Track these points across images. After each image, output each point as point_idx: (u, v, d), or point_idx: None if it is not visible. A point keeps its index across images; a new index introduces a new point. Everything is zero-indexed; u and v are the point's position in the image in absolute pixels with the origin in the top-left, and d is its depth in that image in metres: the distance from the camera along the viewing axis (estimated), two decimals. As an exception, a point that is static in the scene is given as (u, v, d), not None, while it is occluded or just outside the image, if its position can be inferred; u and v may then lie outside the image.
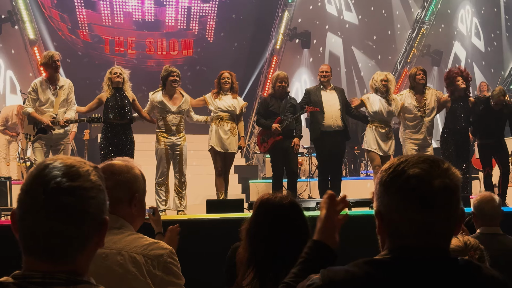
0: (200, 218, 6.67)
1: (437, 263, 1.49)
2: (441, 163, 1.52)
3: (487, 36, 19.59)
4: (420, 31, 18.04)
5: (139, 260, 2.23)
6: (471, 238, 3.15)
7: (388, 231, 1.55)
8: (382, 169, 1.57)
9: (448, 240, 1.55)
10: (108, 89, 7.73)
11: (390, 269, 1.48)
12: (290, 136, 8.29)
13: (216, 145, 8.00)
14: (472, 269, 1.53)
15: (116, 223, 2.31)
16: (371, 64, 17.67)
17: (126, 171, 2.34)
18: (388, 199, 1.53)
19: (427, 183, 1.48)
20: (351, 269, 1.50)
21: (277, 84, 8.28)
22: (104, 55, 14.89)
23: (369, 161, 10.06)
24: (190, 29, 15.51)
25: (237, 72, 15.13)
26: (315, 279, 1.53)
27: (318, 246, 1.81)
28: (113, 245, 2.25)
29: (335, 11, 17.23)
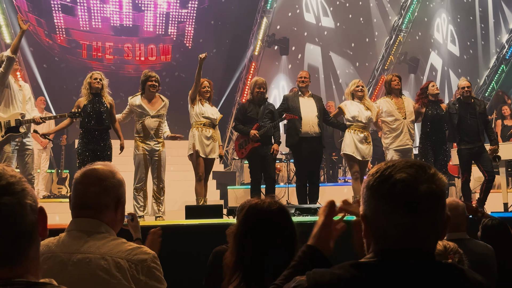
0: (179, 224, 6.64)
1: (422, 266, 1.50)
2: (428, 169, 1.53)
3: (463, 44, 19.87)
4: (397, 38, 18.22)
5: (123, 265, 2.23)
6: (450, 243, 3.20)
7: (374, 234, 1.55)
8: (369, 173, 1.58)
9: (434, 245, 1.56)
10: (87, 94, 7.62)
11: (376, 272, 1.49)
12: (268, 142, 8.30)
13: (200, 150, 8.00)
14: (456, 273, 1.54)
15: (99, 228, 2.30)
16: (349, 71, 17.80)
17: (112, 176, 2.34)
18: (374, 203, 1.53)
19: (413, 188, 1.49)
20: (337, 271, 1.51)
21: (255, 90, 8.30)
22: (82, 60, 14.78)
23: (347, 167, 10.12)
24: (168, 34, 15.47)
25: (216, 78, 15.18)
26: (301, 281, 1.53)
27: (311, 251, 1.81)
28: (96, 250, 2.24)
29: (313, 19, 17.32)
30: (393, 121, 8.56)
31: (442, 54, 19.60)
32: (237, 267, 2.38)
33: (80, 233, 2.29)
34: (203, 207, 7.69)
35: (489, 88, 19.51)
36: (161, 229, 3.19)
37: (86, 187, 2.29)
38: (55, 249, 2.26)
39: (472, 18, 19.75)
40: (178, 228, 6.36)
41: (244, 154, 8.32)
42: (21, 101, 7.37)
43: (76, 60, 14.74)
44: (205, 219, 6.70)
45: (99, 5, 14.71)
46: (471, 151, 8.41)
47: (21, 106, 7.35)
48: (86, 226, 2.30)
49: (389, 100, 8.63)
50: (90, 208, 2.30)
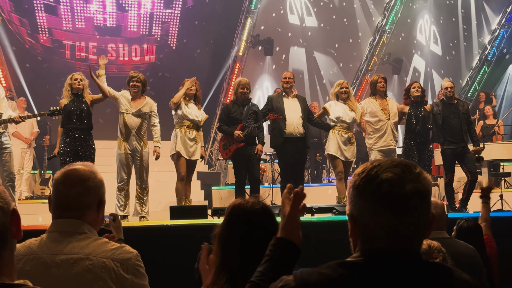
0: (163, 224, 6.62)
1: (409, 265, 1.51)
2: (413, 168, 1.54)
3: (446, 45, 20.00)
4: (381, 39, 18.31)
5: (108, 265, 2.22)
6: (434, 242, 3.23)
7: (360, 234, 1.56)
8: (355, 173, 1.58)
9: (419, 243, 1.57)
10: (68, 94, 7.59)
11: (363, 271, 1.49)
12: (252, 142, 8.31)
13: (182, 151, 8.00)
14: (444, 272, 1.55)
15: (81, 228, 2.28)
16: (333, 72, 17.85)
17: (93, 176, 2.33)
18: (361, 203, 1.54)
19: (399, 188, 1.50)
20: (324, 271, 1.51)
21: (239, 90, 8.31)
22: (65, 60, 14.68)
23: (331, 167, 10.16)
24: (152, 35, 15.42)
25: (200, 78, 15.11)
26: (288, 281, 1.53)
27: (282, 244, 1.82)
28: (80, 251, 2.23)
29: (297, 20, 17.35)
30: (376, 122, 8.60)
31: (425, 55, 19.72)
32: (222, 268, 2.38)
33: (62, 233, 2.27)
34: (187, 208, 7.68)
35: (471, 89, 19.66)
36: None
37: (68, 187, 2.27)
38: (37, 250, 2.24)
39: (455, 19, 19.90)
40: (163, 228, 6.34)
41: (229, 154, 8.32)
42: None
43: (59, 60, 14.64)
44: (189, 219, 6.69)
45: (83, 5, 14.62)
46: (454, 152, 8.44)
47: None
48: (68, 227, 2.28)
49: (374, 101, 8.68)
50: (72, 209, 2.28)
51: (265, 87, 16.61)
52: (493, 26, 20.06)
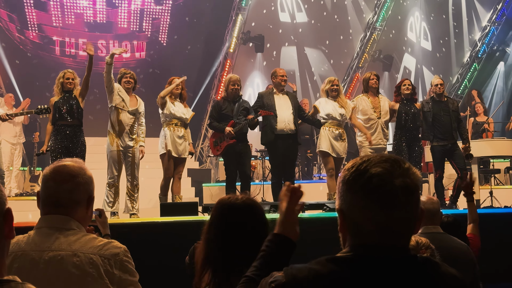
0: (154, 221, 6.61)
1: (398, 260, 1.51)
2: (402, 163, 1.55)
3: (436, 42, 20.06)
4: (372, 36, 18.33)
5: (96, 261, 2.21)
6: (422, 238, 3.25)
7: (349, 228, 1.57)
8: (345, 168, 1.59)
9: (408, 238, 1.57)
10: (58, 91, 7.60)
11: (352, 267, 1.50)
12: (243, 139, 8.32)
13: (172, 150, 8.04)
14: (431, 267, 1.55)
15: (68, 225, 2.27)
16: (324, 68, 17.86)
17: (83, 172, 2.32)
18: (350, 198, 1.54)
19: (388, 183, 1.50)
20: (314, 266, 1.51)
21: (230, 87, 8.32)
22: (54, 56, 14.61)
23: (322, 164, 10.16)
24: (143, 31, 15.37)
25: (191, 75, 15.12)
26: (278, 276, 1.54)
27: (279, 239, 1.82)
28: (68, 247, 2.22)
29: (288, 18, 17.34)
30: (367, 120, 8.62)
31: (416, 52, 19.76)
32: (206, 263, 2.38)
33: (50, 230, 2.26)
34: (178, 205, 7.66)
35: (461, 86, 19.74)
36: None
37: (58, 183, 2.26)
38: (25, 247, 2.22)
39: (445, 16, 19.96)
40: (153, 225, 6.33)
41: (220, 151, 8.32)
42: None
43: (49, 57, 14.57)
44: (180, 216, 6.67)
45: (72, 1, 14.55)
46: (444, 148, 8.48)
47: None
48: (56, 223, 2.27)
49: (366, 98, 8.70)
50: (61, 206, 2.27)
51: (255, 84, 16.60)
52: (484, 23, 20.13)
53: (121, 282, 2.24)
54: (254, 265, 1.81)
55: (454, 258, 3.81)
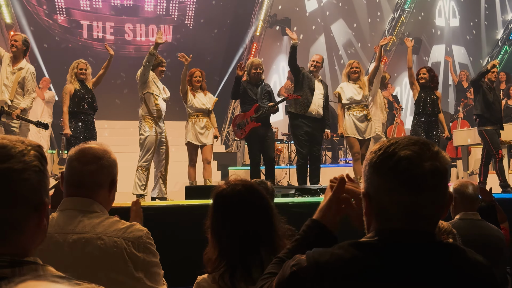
0: (179, 204, 6.65)
1: (424, 246, 1.49)
2: (432, 146, 1.51)
3: (466, 24, 19.68)
4: (400, 19, 18.08)
5: (120, 244, 2.23)
6: (444, 222, 3.20)
7: (375, 213, 1.54)
8: (372, 151, 1.55)
9: (435, 224, 1.55)
10: (74, 81, 7.92)
11: (377, 252, 1.47)
12: (267, 124, 8.36)
13: (193, 140, 8.22)
14: (458, 253, 1.52)
15: (92, 207, 2.28)
16: (351, 52, 17.70)
17: (108, 155, 2.32)
18: (377, 181, 1.51)
19: (417, 166, 1.47)
20: (336, 251, 1.49)
21: (252, 70, 8.39)
22: (82, 40, 14.71)
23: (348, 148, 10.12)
24: (169, 15, 15.37)
25: (217, 58, 15.14)
26: (300, 259, 1.52)
27: (315, 226, 1.75)
28: (92, 230, 2.23)
29: (315, 0, 17.17)
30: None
31: (446, 36, 19.42)
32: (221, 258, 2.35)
33: (74, 212, 2.27)
34: (202, 188, 7.71)
35: (492, 69, 19.38)
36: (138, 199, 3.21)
37: (83, 164, 2.27)
38: (49, 229, 2.24)
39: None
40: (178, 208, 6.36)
41: (244, 134, 8.35)
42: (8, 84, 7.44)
43: (77, 40, 14.67)
44: (205, 199, 6.69)
45: (100, -15, 14.61)
46: (496, 131, 8.81)
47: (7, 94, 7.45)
48: (80, 205, 2.28)
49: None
50: (85, 187, 2.28)
51: (281, 67, 16.51)
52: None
53: (146, 264, 2.26)
54: (288, 248, 1.78)
55: (490, 246, 3.76)
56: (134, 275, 2.22)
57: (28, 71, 7.65)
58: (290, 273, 1.51)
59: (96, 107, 8.01)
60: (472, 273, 1.50)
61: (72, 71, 7.95)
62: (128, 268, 2.22)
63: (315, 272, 1.47)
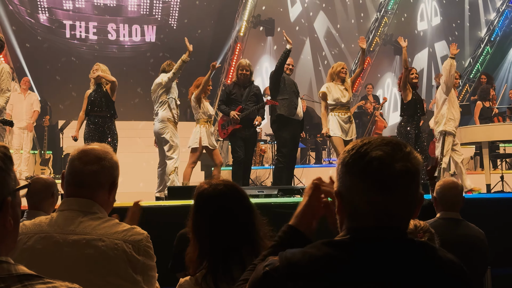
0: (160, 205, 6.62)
1: (395, 244, 1.50)
2: (404, 147, 1.52)
3: (449, 25, 19.80)
4: (383, 20, 18.16)
5: (120, 246, 2.21)
6: (421, 221, 3.19)
7: (347, 211, 1.54)
8: (345, 150, 1.56)
9: (406, 223, 1.56)
10: (92, 85, 8.15)
11: (349, 250, 1.48)
12: (250, 125, 8.33)
13: (209, 144, 8.47)
14: (428, 251, 1.53)
15: (92, 208, 2.28)
16: (335, 52, 17.74)
17: (110, 157, 2.32)
18: (349, 180, 1.52)
19: (388, 166, 1.47)
20: (309, 250, 1.50)
21: (239, 71, 8.37)
22: (65, 40, 14.62)
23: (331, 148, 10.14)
24: (153, 15, 15.32)
25: (201, 59, 15.08)
26: (273, 260, 1.52)
27: (292, 232, 1.76)
28: (92, 231, 2.22)
29: (298, 1, 17.19)
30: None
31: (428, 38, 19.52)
32: (201, 258, 2.35)
33: (74, 213, 2.26)
34: (185, 188, 7.69)
35: (473, 70, 19.53)
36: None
37: (84, 164, 2.26)
38: (48, 229, 2.22)
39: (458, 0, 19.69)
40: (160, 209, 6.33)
41: (226, 134, 8.42)
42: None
43: (60, 40, 14.58)
44: (188, 200, 6.67)
45: (82, -16, 14.52)
46: None
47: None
48: (80, 206, 2.27)
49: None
50: (85, 187, 2.27)
51: (264, 68, 16.51)
52: (498, 6, 19.88)
53: (145, 267, 2.25)
54: (264, 254, 1.78)
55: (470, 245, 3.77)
56: (133, 278, 2.21)
57: (2, 70, 7.49)
58: (263, 273, 1.51)
59: (105, 108, 8.02)
60: (443, 270, 1.51)
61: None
62: (127, 271, 2.20)
63: (288, 271, 1.48)
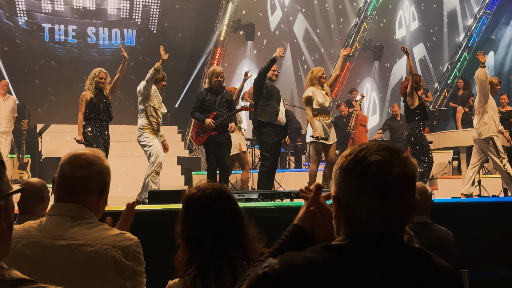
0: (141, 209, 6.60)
1: (393, 249, 1.52)
2: (400, 152, 1.55)
3: (427, 31, 19.98)
4: (362, 25, 18.29)
5: (110, 252, 2.19)
6: None
7: (345, 216, 1.56)
8: (343, 155, 1.58)
9: (403, 228, 1.58)
10: (91, 88, 8.16)
11: (347, 254, 1.50)
12: (224, 131, 8.39)
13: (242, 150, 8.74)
14: (424, 257, 1.56)
15: (81, 214, 2.26)
16: (315, 57, 17.83)
17: (100, 162, 2.31)
18: (347, 185, 1.54)
19: (386, 171, 1.50)
20: (308, 254, 1.51)
21: (213, 79, 8.38)
22: (44, 43, 14.50)
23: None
24: (133, 18, 15.28)
25: (181, 63, 15.06)
26: (272, 262, 1.54)
27: (298, 231, 1.78)
28: (82, 237, 2.20)
29: (278, 6, 17.25)
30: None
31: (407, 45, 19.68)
32: (190, 262, 2.36)
33: (63, 218, 2.24)
34: (166, 192, 7.67)
35: (451, 76, 19.75)
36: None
37: (74, 168, 2.25)
38: (36, 234, 2.21)
39: (436, 6, 19.88)
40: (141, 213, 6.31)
41: (201, 141, 8.47)
42: None
43: (38, 43, 14.47)
44: (168, 204, 6.66)
45: (62, -13, 14.42)
46: None
47: None
48: (69, 211, 2.26)
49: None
50: (75, 192, 2.26)
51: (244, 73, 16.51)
52: (475, 12, 20.12)
53: (134, 273, 2.24)
54: (269, 251, 1.79)
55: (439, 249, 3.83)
56: (121, 284, 2.20)
57: None
58: (262, 273, 1.52)
59: (112, 114, 8.30)
60: (438, 277, 1.53)
61: (93, 79, 8.17)
62: (116, 277, 2.19)
63: (287, 274, 1.49)
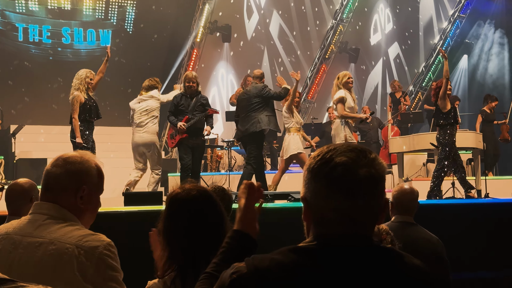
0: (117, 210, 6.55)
1: (361, 250, 1.51)
2: (368, 153, 1.54)
3: (402, 34, 20.17)
4: (338, 27, 18.39)
5: (71, 252, 2.14)
6: (382, 224, 3.31)
7: (313, 217, 1.55)
8: (311, 156, 1.57)
9: (372, 228, 1.57)
10: (83, 89, 8.13)
11: (315, 256, 1.49)
12: (197, 133, 8.53)
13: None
14: (395, 257, 1.55)
15: (57, 213, 2.24)
16: (291, 59, 17.88)
17: (79, 162, 2.29)
18: (314, 186, 1.53)
19: (352, 172, 1.49)
20: (276, 256, 1.50)
21: (186, 84, 8.55)
22: (18, 43, 14.32)
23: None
24: (108, 19, 15.16)
25: (157, 64, 15.00)
26: (239, 267, 1.51)
27: (239, 236, 1.81)
28: (48, 235, 2.18)
29: (255, 8, 17.28)
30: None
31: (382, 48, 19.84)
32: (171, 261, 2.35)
33: (39, 216, 2.25)
34: (142, 194, 7.65)
35: (426, 78, 19.96)
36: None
37: (50, 167, 2.28)
38: (11, 230, 2.23)
39: (411, 9, 20.09)
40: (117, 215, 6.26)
41: (174, 144, 8.66)
42: None
43: (12, 43, 14.28)
44: (144, 205, 6.62)
45: (36, -13, 14.26)
46: None
47: None
48: (46, 210, 2.26)
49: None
50: (49, 190, 2.27)
51: (220, 74, 16.53)
52: (449, 15, 20.35)
53: (97, 277, 2.14)
54: (214, 262, 1.79)
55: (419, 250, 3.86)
56: (83, 285, 2.13)
57: None
58: (230, 281, 1.50)
59: (100, 115, 8.36)
60: (410, 276, 1.52)
61: (84, 80, 8.14)
62: (75, 278, 2.12)
63: (255, 278, 1.47)
